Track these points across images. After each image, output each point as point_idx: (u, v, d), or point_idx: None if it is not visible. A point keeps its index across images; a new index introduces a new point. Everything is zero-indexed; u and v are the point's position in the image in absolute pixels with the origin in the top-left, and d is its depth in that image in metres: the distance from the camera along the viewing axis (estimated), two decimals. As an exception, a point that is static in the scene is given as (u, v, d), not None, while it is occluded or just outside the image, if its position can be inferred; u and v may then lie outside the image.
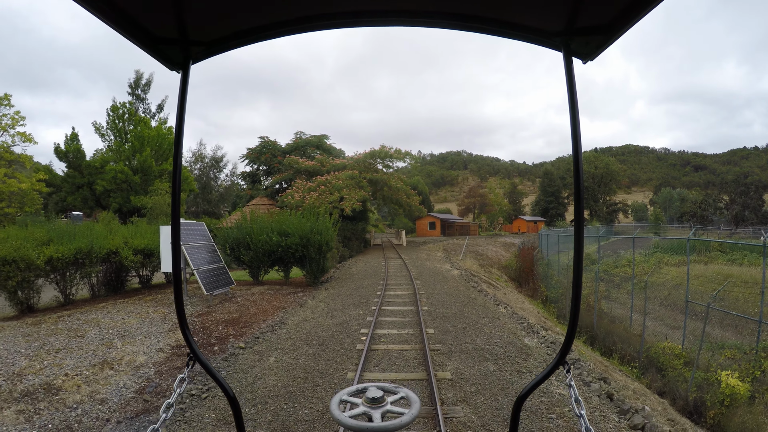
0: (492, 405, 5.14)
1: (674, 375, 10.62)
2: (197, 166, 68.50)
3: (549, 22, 1.46)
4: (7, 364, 6.55)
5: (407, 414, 1.48)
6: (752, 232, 40.58)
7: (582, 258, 1.54)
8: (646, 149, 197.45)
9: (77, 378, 6.00)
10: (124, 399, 5.30)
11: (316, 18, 1.46)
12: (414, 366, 6.52)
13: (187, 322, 1.69)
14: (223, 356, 7.00)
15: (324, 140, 35.85)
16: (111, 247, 12.02)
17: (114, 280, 13.18)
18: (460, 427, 4.59)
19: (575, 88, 1.48)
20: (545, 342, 7.55)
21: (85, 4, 1.17)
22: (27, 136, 36.46)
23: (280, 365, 6.62)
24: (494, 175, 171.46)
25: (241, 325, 8.55)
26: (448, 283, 14.85)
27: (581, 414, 1.60)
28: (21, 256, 10.11)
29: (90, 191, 41.00)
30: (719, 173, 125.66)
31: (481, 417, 4.82)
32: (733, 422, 8.28)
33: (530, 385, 1.75)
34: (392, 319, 9.58)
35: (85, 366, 6.45)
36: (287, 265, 14.02)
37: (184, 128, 1.61)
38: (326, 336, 8.18)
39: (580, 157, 1.47)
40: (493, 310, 10.51)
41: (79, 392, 5.55)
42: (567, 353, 1.63)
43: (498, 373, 6.17)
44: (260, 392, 5.61)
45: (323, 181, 25.22)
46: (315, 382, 5.89)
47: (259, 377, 6.14)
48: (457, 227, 58.99)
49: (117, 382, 5.81)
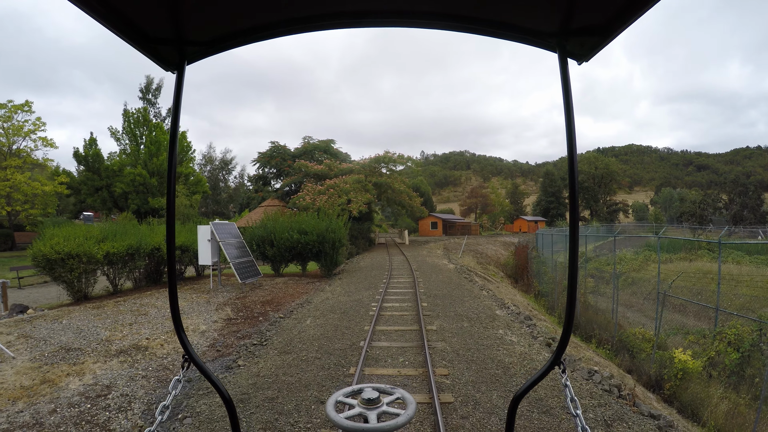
0: (460, 342, 7.65)
1: (643, 357, 12.33)
2: (207, 168, 70.80)
3: (544, 24, 1.47)
4: (93, 334, 8.49)
5: (403, 415, 1.48)
6: (750, 232, 41.01)
7: (577, 260, 1.55)
8: (649, 149, 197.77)
9: (158, 341, 7.92)
10: (202, 350, 7.23)
11: (309, 19, 1.47)
12: (410, 323, 9.03)
13: (182, 325, 1.71)
14: (269, 323, 9.17)
15: (331, 145, 37.88)
16: (154, 243, 13.97)
17: (154, 273, 15.14)
18: (438, 351, 7.19)
19: (570, 89, 1.49)
20: (512, 313, 9.74)
21: (79, 3, 1.17)
22: (48, 141, 38.75)
23: (315, 324, 8.98)
24: (497, 175, 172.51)
25: (275, 304, 10.59)
26: (444, 275, 16.91)
27: (577, 414, 1.59)
28: (84, 250, 12.06)
29: (108, 193, 43.02)
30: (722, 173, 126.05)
31: (453, 348, 7.35)
32: (686, 393, 9.92)
33: (525, 385, 1.72)
34: (395, 297, 11.99)
35: (159, 333, 8.37)
36: (305, 260, 16.15)
37: (178, 128, 1.61)
38: (346, 308, 10.58)
39: (575, 157, 1.48)
40: (477, 293, 12.60)
41: (163, 349, 7.47)
42: (562, 353, 1.61)
43: (469, 327, 8.70)
44: (306, 338, 7.97)
45: (332, 184, 27.25)
46: (342, 332, 8.31)
47: (302, 331, 8.50)
48: (458, 227, 60.77)
49: (191, 341, 7.73)
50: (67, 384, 6.08)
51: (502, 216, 78.59)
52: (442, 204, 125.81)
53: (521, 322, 9.18)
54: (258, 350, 7.08)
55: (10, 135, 35.68)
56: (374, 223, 42.83)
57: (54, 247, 11.88)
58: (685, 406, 9.28)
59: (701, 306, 15.29)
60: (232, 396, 1.91)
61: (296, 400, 5.25)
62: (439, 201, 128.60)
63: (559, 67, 1.51)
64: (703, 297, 17.16)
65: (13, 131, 35.55)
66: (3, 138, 35.39)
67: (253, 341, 7.50)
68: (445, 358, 6.75)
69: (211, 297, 11.59)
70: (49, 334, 8.45)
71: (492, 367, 6.33)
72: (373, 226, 41.85)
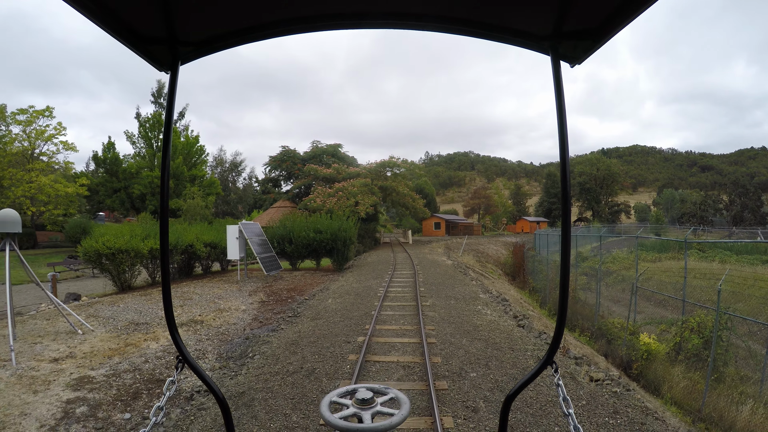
0: (446, 312, 10.05)
1: (619, 343, 14.06)
2: (217, 170, 73.14)
3: (537, 26, 1.48)
4: (152, 313, 10.44)
5: (397, 415, 1.49)
6: (749, 233, 41.55)
7: (569, 260, 1.56)
8: (653, 150, 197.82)
9: (209, 316, 9.89)
10: (246, 322, 9.20)
11: (303, 20, 1.48)
12: (410, 300, 11.47)
13: (176, 325, 1.65)
14: (296, 303, 11.33)
15: (338, 149, 39.97)
16: (188, 241, 15.99)
17: (185, 266, 17.17)
18: (429, 317, 9.47)
19: (563, 91, 1.49)
20: (492, 297, 11.86)
21: (73, 2, 1.18)
22: (69, 144, 40.89)
23: (335, 302, 11.29)
24: (501, 175, 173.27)
25: (299, 290, 12.64)
26: (441, 269, 19.06)
27: (569, 413, 1.60)
28: (132, 246, 14.06)
29: (126, 195, 45.19)
30: (726, 173, 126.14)
31: (440, 315, 9.72)
32: (650, 371, 11.66)
33: (518, 385, 1.73)
34: (398, 284, 14.49)
35: (207, 312, 10.34)
36: (319, 256, 18.27)
37: (172, 127, 1.61)
38: (358, 291, 12.98)
39: (567, 159, 1.49)
40: (467, 283, 14.89)
41: (216, 321, 9.43)
42: (555, 353, 1.61)
43: (455, 303, 11.14)
44: (329, 310, 10.28)
45: (341, 187, 29.31)
46: (357, 306, 10.73)
47: (325, 307, 10.80)
48: (461, 227, 62.56)
49: (236, 317, 9.71)
50: (147, 346, 8.02)
51: (504, 217, 79.93)
52: (446, 204, 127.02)
53: (498, 303, 11.28)
54: (293, 320, 9.16)
55: (32, 139, 37.73)
56: (379, 224, 44.79)
57: (105, 243, 13.87)
58: (649, 382, 10.86)
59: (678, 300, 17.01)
60: (227, 396, 2.17)
61: (330, 342, 7.54)
62: (443, 201, 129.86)
63: (552, 70, 1.54)
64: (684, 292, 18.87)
65: (35, 135, 37.59)
66: (26, 142, 37.48)
67: (288, 314, 9.55)
68: (433, 321, 9.12)
69: (241, 286, 13.58)
70: (114, 314, 10.40)
71: (465, 326, 8.66)
72: (379, 226, 43.82)
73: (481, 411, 4.91)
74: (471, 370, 6.24)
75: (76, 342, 8.16)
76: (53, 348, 7.70)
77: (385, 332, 8.25)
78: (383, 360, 6.66)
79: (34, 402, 5.51)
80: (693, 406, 9.18)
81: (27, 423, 5.02)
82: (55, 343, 8.00)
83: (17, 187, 33.60)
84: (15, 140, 36.25)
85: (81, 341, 8.22)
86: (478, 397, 5.30)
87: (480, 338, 7.80)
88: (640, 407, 5.07)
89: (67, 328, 9.01)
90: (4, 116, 36.10)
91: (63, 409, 5.41)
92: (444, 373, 6.07)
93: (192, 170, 46.20)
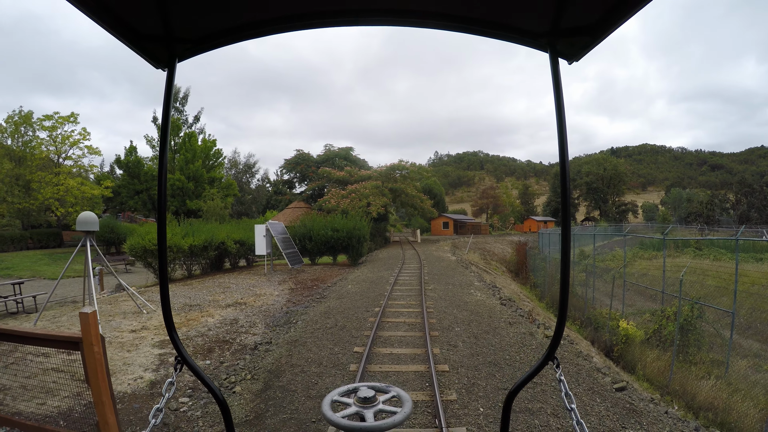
0: (444, 294, 12.37)
1: (604, 330, 15.66)
2: (232, 172, 75.72)
3: (535, 23, 1.48)
4: (200, 297, 12.41)
5: (400, 413, 1.49)
6: (755, 232, 42.31)
7: (569, 257, 1.55)
8: (663, 148, 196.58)
9: (250, 299, 11.86)
10: (281, 304, 11.17)
11: (301, 17, 1.48)
12: (415, 286, 13.77)
13: (175, 326, 1.61)
14: (321, 289, 13.45)
15: (350, 152, 42.06)
16: (221, 239, 18.04)
17: (216, 261, 19.24)
18: (430, 296, 11.92)
19: (561, 88, 1.50)
20: (485, 284, 13.88)
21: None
22: (94, 149, 43.29)
23: (354, 288, 13.65)
24: (510, 175, 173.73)
25: (321, 280, 14.65)
26: (445, 264, 21.14)
27: (572, 408, 1.61)
28: (174, 243, 16.12)
29: (148, 196, 47.58)
30: (736, 172, 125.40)
31: (439, 295, 12.11)
32: (628, 354, 13.28)
33: (519, 381, 1.74)
34: (406, 275, 16.84)
35: (247, 296, 12.31)
36: (336, 252, 20.34)
37: (169, 125, 1.60)
38: (372, 280, 15.43)
39: (566, 156, 1.49)
40: (466, 274, 16.93)
41: (256, 303, 11.40)
42: (556, 349, 1.61)
43: (452, 288, 13.43)
44: (350, 293, 12.52)
45: (353, 189, 31.35)
46: (373, 290, 13.16)
47: (347, 291, 13.10)
48: (468, 227, 64.17)
49: (272, 300, 11.70)
50: (206, 320, 9.96)
51: (512, 216, 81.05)
52: (455, 204, 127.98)
53: (489, 289, 13.29)
54: (321, 300, 11.25)
55: (59, 144, 40.02)
56: (390, 223, 46.72)
57: (151, 240, 15.94)
58: (627, 363, 12.45)
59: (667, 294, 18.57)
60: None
61: (354, 311, 10.00)
62: (452, 201, 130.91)
63: (550, 67, 1.53)
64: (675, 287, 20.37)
65: (61, 140, 39.89)
66: (52, 147, 39.84)
67: (316, 297, 11.58)
68: (433, 299, 11.53)
69: (269, 278, 15.59)
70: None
71: (457, 302, 10.99)
72: (389, 225, 45.77)
73: (459, 347, 7.41)
74: (456, 326, 8.64)
75: (144, 319, 10.03)
76: (127, 323, 9.48)
77: (396, 305, 10.79)
78: (394, 321, 9.17)
79: (132, 357, 7.36)
80: (662, 382, 10.81)
81: (133, 369, 6.91)
82: (127, 321, 9.84)
83: (46, 189, 35.76)
84: (42, 144, 38.58)
85: (148, 318, 10.13)
86: (459, 340, 7.73)
87: (467, 310, 10.20)
88: (574, 351, 6.94)
89: (132, 309, 10.96)
90: (30, 122, 38.38)
91: (158, 358, 7.35)
92: (437, 328, 8.56)
93: (210, 172, 48.54)
